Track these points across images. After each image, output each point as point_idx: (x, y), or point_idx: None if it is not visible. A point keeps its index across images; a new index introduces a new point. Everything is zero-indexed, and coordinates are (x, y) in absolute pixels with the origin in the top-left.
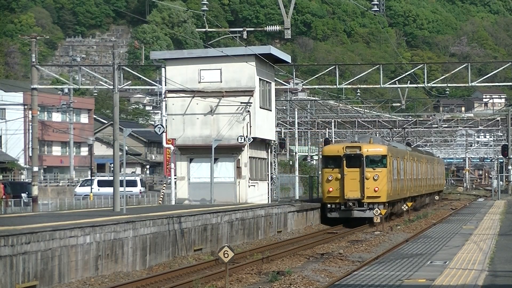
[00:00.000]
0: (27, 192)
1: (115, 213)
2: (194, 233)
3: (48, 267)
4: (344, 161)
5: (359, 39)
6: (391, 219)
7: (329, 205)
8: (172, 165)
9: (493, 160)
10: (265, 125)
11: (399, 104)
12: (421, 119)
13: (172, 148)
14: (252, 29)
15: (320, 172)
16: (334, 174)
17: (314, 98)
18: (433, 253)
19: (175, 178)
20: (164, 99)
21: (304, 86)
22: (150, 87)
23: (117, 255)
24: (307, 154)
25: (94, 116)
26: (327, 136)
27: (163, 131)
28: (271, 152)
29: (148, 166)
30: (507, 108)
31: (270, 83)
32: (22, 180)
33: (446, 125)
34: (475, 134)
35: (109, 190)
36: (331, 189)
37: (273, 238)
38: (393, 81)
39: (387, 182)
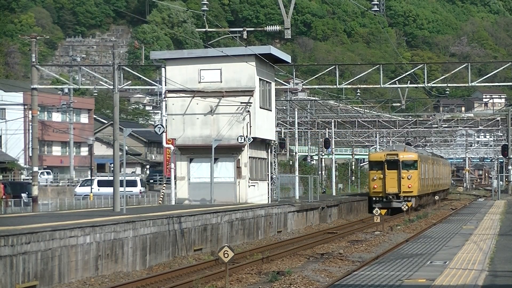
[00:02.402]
0: (27, 192)
1: (115, 213)
2: (194, 233)
3: (48, 267)
4: (385, 165)
5: (359, 39)
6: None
7: (374, 198)
8: (172, 165)
9: (493, 160)
10: (265, 125)
11: (399, 104)
12: (421, 119)
13: (172, 148)
14: (252, 29)
15: (368, 174)
16: (378, 175)
17: (314, 98)
18: (433, 253)
19: (174, 179)
20: (164, 99)
21: (304, 86)
22: (150, 87)
23: (117, 255)
24: (307, 154)
25: (94, 116)
26: (327, 136)
27: (163, 131)
28: (271, 152)
29: (148, 166)
30: (507, 108)
31: (270, 83)
32: (22, 180)
33: (446, 125)
34: (475, 134)
35: (109, 190)
36: (375, 186)
37: (273, 238)
38: (393, 81)
39: (418, 181)
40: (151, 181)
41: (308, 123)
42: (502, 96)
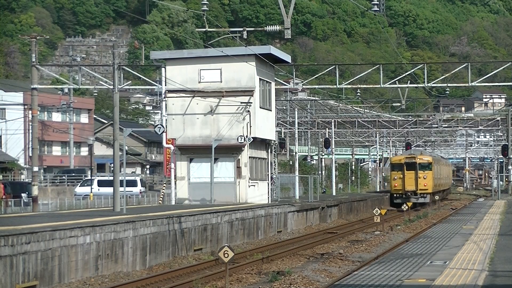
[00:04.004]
0: (27, 192)
1: (115, 213)
2: (194, 233)
3: (48, 267)
4: (405, 166)
5: (359, 39)
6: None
7: (395, 195)
8: (172, 165)
9: (493, 160)
10: (265, 125)
11: (399, 104)
12: (421, 119)
13: (172, 148)
14: (252, 29)
15: (389, 174)
16: (398, 175)
17: (314, 98)
18: (433, 253)
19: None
20: (164, 99)
21: (304, 86)
22: (150, 87)
23: (117, 255)
24: (307, 154)
25: (94, 116)
26: (327, 136)
27: (163, 131)
28: (271, 152)
29: (148, 166)
30: (507, 108)
31: (270, 83)
32: (22, 180)
33: (446, 125)
34: (475, 134)
35: (109, 190)
36: (396, 185)
37: (273, 238)
38: (393, 81)
39: (432, 180)
40: None
41: (308, 123)
42: (502, 96)
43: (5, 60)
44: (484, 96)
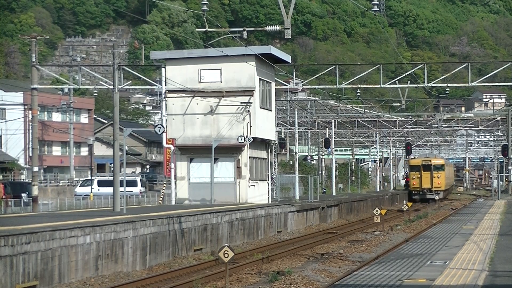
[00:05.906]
0: (27, 192)
1: (115, 213)
2: (194, 233)
3: (48, 267)
4: (421, 167)
5: (359, 39)
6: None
7: (413, 192)
8: (172, 165)
9: (493, 160)
10: (265, 125)
11: (399, 104)
12: (421, 119)
13: (172, 148)
14: (252, 29)
15: (408, 174)
16: (416, 175)
17: (314, 98)
18: (433, 253)
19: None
20: (164, 99)
21: (304, 86)
22: (150, 87)
23: (117, 255)
24: (307, 154)
25: (94, 116)
26: (327, 136)
27: (163, 131)
28: (271, 152)
29: (148, 166)
30: (507, 108)
31: (270, 83)
32: (22, 180)
33: (446, 125)
34: (475, 134)
35: (109, 190)
36: (414, 183)
37: (273, 238)
38: (393, 81)
39: (445, 179)
40: None
41: (308, 123)
42: (502, 96)
43: (5, 60)
44: (484, 96)
